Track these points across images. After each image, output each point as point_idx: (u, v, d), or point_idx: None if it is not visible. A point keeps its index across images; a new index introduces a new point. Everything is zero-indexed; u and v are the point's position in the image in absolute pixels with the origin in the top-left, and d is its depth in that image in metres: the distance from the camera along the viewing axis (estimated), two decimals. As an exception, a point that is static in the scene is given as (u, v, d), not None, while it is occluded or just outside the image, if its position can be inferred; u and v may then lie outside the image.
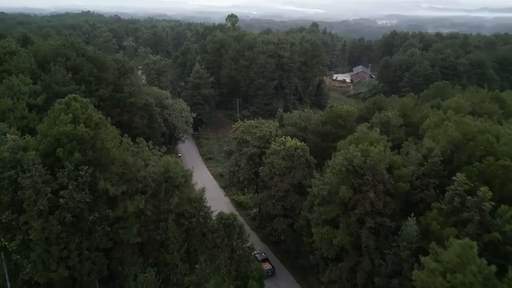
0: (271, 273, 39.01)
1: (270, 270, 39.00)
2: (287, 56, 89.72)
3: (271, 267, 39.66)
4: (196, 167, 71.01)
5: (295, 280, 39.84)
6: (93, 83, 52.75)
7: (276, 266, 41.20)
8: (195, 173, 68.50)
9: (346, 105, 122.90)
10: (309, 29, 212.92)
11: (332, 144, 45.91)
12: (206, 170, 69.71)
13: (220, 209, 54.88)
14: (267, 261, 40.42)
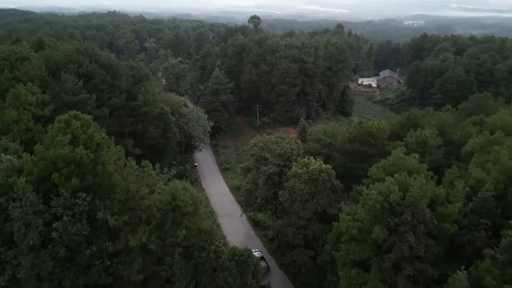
0: (267, 271, 41.05)
1: (265, 268, 40.81)
2: (311, 61, 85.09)
3: (267, 265, 41.74)
4: (212, 178, 68.19)
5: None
6: (106, 91, 50.13)
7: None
8: (210, 184, 65.78)
9: (372, 111, 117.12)
10: (333, 30, 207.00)
11: (360, 165, 41.44)
12: (223, 182, 66.19)
13: (236, 227, 51.45)
14: (262, 260, 42.29)
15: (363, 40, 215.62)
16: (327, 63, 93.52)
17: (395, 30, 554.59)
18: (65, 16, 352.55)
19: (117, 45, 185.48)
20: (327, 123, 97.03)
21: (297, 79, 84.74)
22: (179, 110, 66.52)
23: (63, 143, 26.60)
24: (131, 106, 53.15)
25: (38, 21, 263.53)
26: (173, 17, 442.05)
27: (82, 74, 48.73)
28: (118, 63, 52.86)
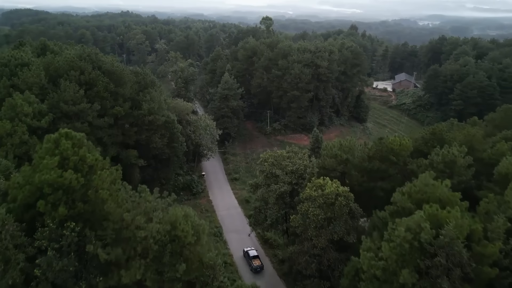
0: (260, 269, 43.04)
1: (259, 267, 43.07)
2: (325, 65, 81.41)
3: (261, 264, 43.41)
4: (220, 189, 65.13)
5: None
6: (109, 100, 47.45)
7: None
8: (218, 196, 62.66)
9: (388, 117, 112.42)
10: (347, 32, 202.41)
11: (380, 184, 37.94)
12: (231, 193, 63.18)
13: (243, 245, 48.30)
14: (257, 258, 44.15)
15: (378, 42, 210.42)
16: (342, 67, 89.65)
17: (409, 31, 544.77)
18: (78, 16, 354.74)
19: (128, 46, 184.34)
20: (341, 129, 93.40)
21: (310, 85, 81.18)
22: (187, 117, 63.72)
23: (51, 166, 23.82)
24: (136, 115, 50.46)
25: (51, 21, 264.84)
26: (185, 17, 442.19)
27: (83, 81, 46.18)
28: (122, 69, 50.20)
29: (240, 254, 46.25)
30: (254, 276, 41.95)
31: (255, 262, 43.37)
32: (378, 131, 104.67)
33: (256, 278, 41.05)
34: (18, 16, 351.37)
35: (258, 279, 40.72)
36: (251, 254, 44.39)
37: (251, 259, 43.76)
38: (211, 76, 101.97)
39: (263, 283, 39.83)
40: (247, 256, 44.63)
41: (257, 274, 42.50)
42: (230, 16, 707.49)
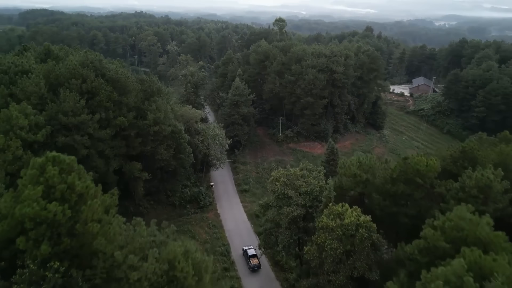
0: (257, 268, 44.85)
1: (257, 265, 44.87)
2: (341, 71, 77.56)
3: (258, 263, 45.07)
4: (229, 201, 61.94)
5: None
6: (112, 109, 44.81)
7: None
8: (227, 209, 59.37)
9: (405, 123, 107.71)
10: (362, 33, 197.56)
11: (404, 210, 34.28)
12: (240, 206, 59.98)
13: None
14: (255, 257, 45.70)
15: (394, 44, 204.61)
16: (358, 72, 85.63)
17: (425, 32, 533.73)
18: (93, 17, 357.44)
19: (139, 47, 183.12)
20: (356, 137, 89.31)
21: (324, 91, 77.44)
22: (195, 126, 60.84)
23: (33, 197, 20.97)
24: (140, 125, 47.71)
25: (65, 21, 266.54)
26: (198, 18, 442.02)
27: (85, 90, 43.61)
28: (126, 77, 47.47)
29: (249, 280, 43.93)
30: (251, 274, 44.64)
31: (253, 261, 45.26)
32: (395, 139, 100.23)
33: (252, 276, 44.38)
34: (33, 16, 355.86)
35: (255, 277, 44.16)
36: (250, 253, 46.46)
37: (249, 258, 45.75)
38: (221, 80, 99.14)
39: (259, 281, 43.45)
40: (246, 254, 46.70)
41: (254, 272, 44.82)
42: (243, 16, 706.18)
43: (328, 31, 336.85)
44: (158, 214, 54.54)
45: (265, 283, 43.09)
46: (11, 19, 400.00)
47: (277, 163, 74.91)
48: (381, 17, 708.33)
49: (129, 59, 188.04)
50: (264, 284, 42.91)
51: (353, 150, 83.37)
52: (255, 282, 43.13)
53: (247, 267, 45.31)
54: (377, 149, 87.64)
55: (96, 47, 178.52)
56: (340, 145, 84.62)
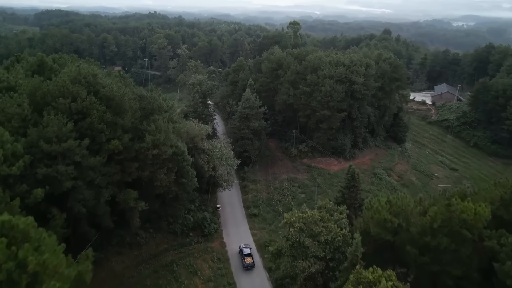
0: (251, 266, 46.33)
1: (251, 264, 46.33)
2: (361, 82, 71.12)
3: (252, 262, 46.62)
4: (236, 227, 55.92)
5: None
6: (104, 132, 39.57)
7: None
8: (234, 237, 53.22)
9: (427, 134, 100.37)
10: (380, 36, 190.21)
11: (449, 268, 28.07)
12: (248, 234, 54.36)
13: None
14: (250, 256, 47.24)
15: (413, 47, 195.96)
16: (379, 82, 78.97)
17: (443, 33, 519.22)
18: (106, 18, 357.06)
19: (150, 50, 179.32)
20: (376, 152, 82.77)
21: (343, 103, 71.13)
22: (200, 144, 55.47)
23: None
24: (137, 148, 42.43)
25: (78, 23, 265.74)
26: (212, 18, 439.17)
27: (75, 110, 38.49)
28: (122, 94, 42.22)
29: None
30: (244, 273, 46.14)
31: (247, 260, 46.70)
32: (417, 153, 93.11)
33: (245, 274, 45.93)
34: (48, 17, 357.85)
35: (248, 275, 45.71)
36: (245, 252, 47.68)
37: (244, 256, 47.06)
38: (232, 88, 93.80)
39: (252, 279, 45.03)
40: (241, 253, 47.90)
41: (248, 270, 46.18)
42: (257, 16, 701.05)
43: (343, 33, 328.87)
44: (158, 243, 49.40)
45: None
46: (27, 19, 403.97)
47: (290, 181, 69.10)
48: (397, 18, 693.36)
49: (139, 62, 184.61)
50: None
51: (373, 167, 76.90)
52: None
53: (242, 266, 46.83)
54: (399, 165, 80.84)
55: (106, 50, 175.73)
56: (358, 161, 78.31)
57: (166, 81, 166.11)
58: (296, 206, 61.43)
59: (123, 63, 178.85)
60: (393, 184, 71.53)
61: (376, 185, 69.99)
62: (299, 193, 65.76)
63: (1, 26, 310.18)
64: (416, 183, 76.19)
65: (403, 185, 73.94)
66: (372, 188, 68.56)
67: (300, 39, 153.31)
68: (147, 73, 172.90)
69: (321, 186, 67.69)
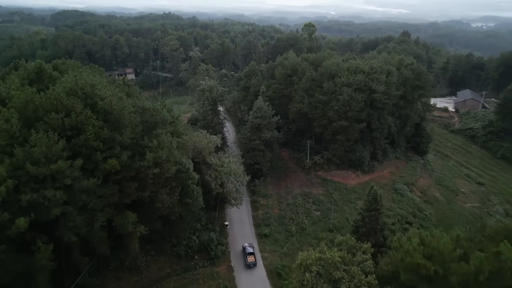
0: (253, 265, 47.00)
1: (253, 263, 46.92)
2: (382, 90, 66.05)
3: (254, 260, 47.21)
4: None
5: None
6: (100, 150, 35.87)
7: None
8: (242, 262, 49.51)
9: (451, 144, 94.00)
10: (398, 39, 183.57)
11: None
12: (259, 257, 49.83)
13: None
14: (252, 255, 47.92)
15: (433, 50, 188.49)
16: (401, 90, 73.69)
17: (462, 34, 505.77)
18: (121, 18, 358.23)
19: (162, 52, 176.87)
20: (397, 164, 77.48)
21: (362, 113, 66.18)
22: (208, 158, 51.52)
23: None
24: (137, 167, 38.61)
25: (93, 23, 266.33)
26: (226, 19, 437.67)
27: (68, 126, 34.91)
28: (122, 107, 38.48)
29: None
30: (246, 271, 46.77)
31: (249, 258, 47.43)
32: (440, 165, 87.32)
33: (247, 272, 46.61)
34: (65, 18, 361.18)
35: (249, 273, 46.46)
36: (248, 250, 48.43)
37: (246, 255, 47.80)
38: (243, 94, 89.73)
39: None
40: (244, 252, 48.63)
41: (250, 269, 46.93)
42: (271, 16, 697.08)
43: (359, 34, 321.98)
44: (160, 267, 45.57)
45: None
46: (44, 20, 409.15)
47: (303, 196, 64.53)
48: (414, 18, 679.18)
49: (151, 64, 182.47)
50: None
51: (394, 181, 71.68)
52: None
53: (244, 264, 47.54)
54: (422, 179, 75.31)
55: (118, 52, 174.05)
56: (377, 174, 73.29)
57: (177, 83, 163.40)
58: (310, 225, 57.14)
59: (134, 65, 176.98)
60: (416, 202, 66.16)
61: (397, 202, 64.80)
62: (313, 210, 61.13)
63: (18, 26, 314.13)
64: (440, 200, 70.61)
65: (427, 202, 68.51)
66: (393, 205, 63.47)
67: (315, 42, 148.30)
68: (159, 75, 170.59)
69: (337, 202, 62.93)
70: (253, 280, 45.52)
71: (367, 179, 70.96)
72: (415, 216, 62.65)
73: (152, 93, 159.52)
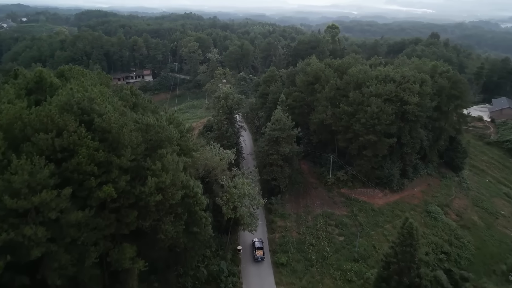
0: (261, 259, 49.05)
1: (261, 257, 48.97)
2: (415, 102, 59.40)
3: (263, 255, 49.21)
4: (259, 278, 45.79)
5: None
6: (95, 175, 31.29)
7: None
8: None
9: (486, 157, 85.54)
10: (427, 41, 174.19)
11: None
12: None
13: None
14: (261, 249, 49.88)
15: (464, 53, 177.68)
16: (435, 100, 66.69)
17: (491, 35, 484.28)
18: (142, 18, 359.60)
19: (180, 53, 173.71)
20: (429, 181, 70.63)
21: (392, 126, 59.75)
22: (220, 178, 46.47)
23: None
24: (137, 193, 33.85)
25: (114, 24, 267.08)
26: (246, 19, 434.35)
27: (59, 147, 30.51)
28: (121, 125, 33.79)
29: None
30: (254, 264, 48.32)
31: (258, 252, 49.08)
32: (476, 182, 79.44)
33: (255, 265, 48.04)
34: (88, 17, 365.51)
35: (257, 266, 47.88)
36: (257, 245, 50.13)
37: (255, 249, 49.45)
38: (262, 101, 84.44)
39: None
40: (253, 246, 50.52)
41: (258, 263, 48.59)
42: (292, 16, 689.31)
43: (383, 35, 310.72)
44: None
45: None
46: (68, 19, 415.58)
47: (325, 218, 58.71)
48: (440, 18, 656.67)
49: (169, 65, 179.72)
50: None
51: (426, 202, 64.80)
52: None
53: (252, 258, 49.32)
54: (457, 200, 68.01)
55: (136, 54, 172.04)
56: (407, 193, 66.61)
57: (195, 85, 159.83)
58: (333, 253, 51.34)
59: (152, 67, 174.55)
60: (452, 227, 59.14)
61: (431, 228, 58.03)
62: (336, 234, 55.20)
63: (43, 26, 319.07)
64: (478, 224, 63.28)
65: (463, 227, 61.38)
66: (426, 231, 56.78)
67: (338, 44, 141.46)
68: (177, 77, 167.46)
69: (363, 226, 56.76)
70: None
71: (396, 199, 64.48)
72: (452, 244, 55.72)
73: (169, 95, 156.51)
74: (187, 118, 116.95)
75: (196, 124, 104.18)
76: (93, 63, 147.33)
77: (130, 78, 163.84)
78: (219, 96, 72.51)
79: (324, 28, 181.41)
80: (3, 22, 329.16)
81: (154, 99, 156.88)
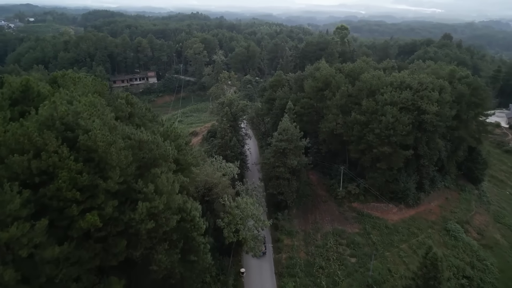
0: (263, 254, 49.05)
1: (263, 252, 48.50)
2: (434, 111, 54.85)
3: (265, 250, 49.21)
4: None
5: None
6: (77, 202, 27.51)
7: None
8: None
9: (505, 167, 79.92)
10: (439, 42, 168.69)
11: None
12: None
13: None
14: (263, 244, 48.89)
15: (478, 54, 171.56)
16: (454, 108, 62.02)
17: (503, 35, 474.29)
18: (148, 19, 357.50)
19: (185, 55, 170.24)
20: (446, 194, 65.90)
21: (408, 137, 55.29)
22: (221, 198, 42.46)
23: None
24: (126, 220, 30.01)
25: (120, 24, 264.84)
26: (253, 19, 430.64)
27: (36, 171, 26.82)
28: (110, 142, 29.97)
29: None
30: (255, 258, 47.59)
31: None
32: (496, 194, 74.59)
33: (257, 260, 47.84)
34: (95, 17, 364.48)
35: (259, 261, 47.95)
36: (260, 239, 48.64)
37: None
38: (268, 107, 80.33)
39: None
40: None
41: (260, 257, 48.23)
42: (300, 16, 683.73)
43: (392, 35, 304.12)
44: (157, 336, 36.82)
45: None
46: (76, 19, 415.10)
47: (335, 236, 54.44)
48: (449, 18, 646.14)
49: (174, 67, 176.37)
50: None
51: (444, 218, 60.19)
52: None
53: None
54: (478, 216, 63.27)
55: (140, 55, 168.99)
56: (424, 208, 62.07)
57: (200, 88, 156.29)
58: (344, 278, 46.99)
59: (157, 68, 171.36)
60: (474, 248, 54.49)
61: (451, 249, 53.44)
62: (348, 255, 50.90)
63: (49, 26, 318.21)
64: (501, 243, 58.55)
65: (485, 246, 56.72)
66: (446, 252, 52.15)
67: (348, 46, 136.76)
68: (181, 79, 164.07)
69: (377, 246, 52.35)
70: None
71: (411, 214, 60.05)
72: (474, 267, 51.10)
73: (173, 97, 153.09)
74: (190, 122, 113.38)
75: (200, 129, 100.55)
76: (97, 65, 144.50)
77: (134, 80, 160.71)
78: (222, 102, 68.76)
79: (332, 28, 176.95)
80: (11, 22, 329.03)
81: (158, 101, 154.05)
